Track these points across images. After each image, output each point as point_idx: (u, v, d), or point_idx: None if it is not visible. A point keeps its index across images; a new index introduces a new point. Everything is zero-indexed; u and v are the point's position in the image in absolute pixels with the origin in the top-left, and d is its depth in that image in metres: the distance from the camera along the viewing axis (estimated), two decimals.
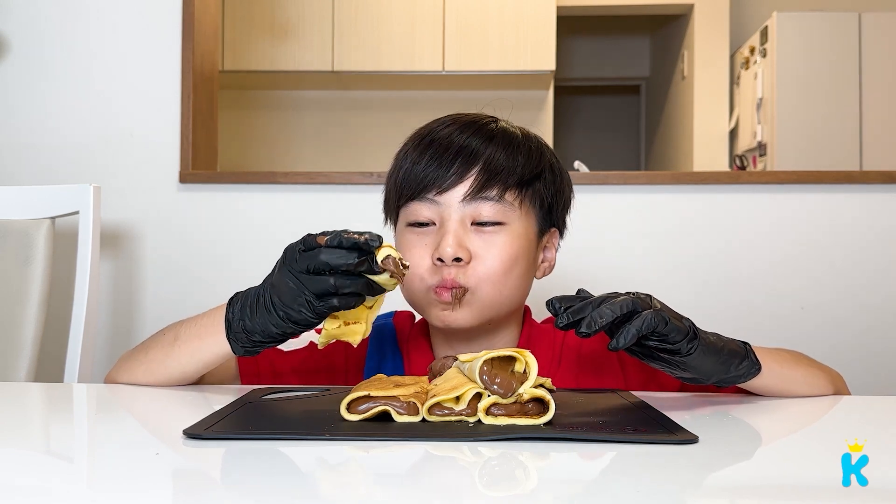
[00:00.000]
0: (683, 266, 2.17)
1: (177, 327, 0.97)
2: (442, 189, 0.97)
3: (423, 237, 0.99)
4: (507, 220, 0.99)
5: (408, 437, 0.70)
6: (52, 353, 1.64)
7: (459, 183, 0.97)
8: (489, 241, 0.98)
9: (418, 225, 0.99)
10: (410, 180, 0.99)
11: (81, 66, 2.24)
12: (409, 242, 1.00)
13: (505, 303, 1.01)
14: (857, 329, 2.13)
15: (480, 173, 0.97)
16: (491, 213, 0.98)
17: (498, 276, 0.98)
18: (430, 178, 0.97)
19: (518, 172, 0.99)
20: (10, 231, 1.49)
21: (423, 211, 0.98)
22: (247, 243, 2.21)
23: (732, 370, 0.86)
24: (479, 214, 0.97)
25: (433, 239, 0.98)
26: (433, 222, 0.99)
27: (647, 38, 6.18)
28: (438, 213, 0.98)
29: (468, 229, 0.98)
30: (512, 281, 0.99)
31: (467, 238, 0.97)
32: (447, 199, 0.97)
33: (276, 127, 4.68)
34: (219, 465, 0.66)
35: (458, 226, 0.97)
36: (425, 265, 0.98)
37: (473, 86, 4.47)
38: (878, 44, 4.24)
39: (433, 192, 0.97)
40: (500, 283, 0.98)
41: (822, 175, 2.17)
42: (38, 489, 0.59)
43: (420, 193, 0.98)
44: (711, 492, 0.61)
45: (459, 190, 0.97)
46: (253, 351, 0.89)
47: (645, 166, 6.25)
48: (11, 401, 0.97)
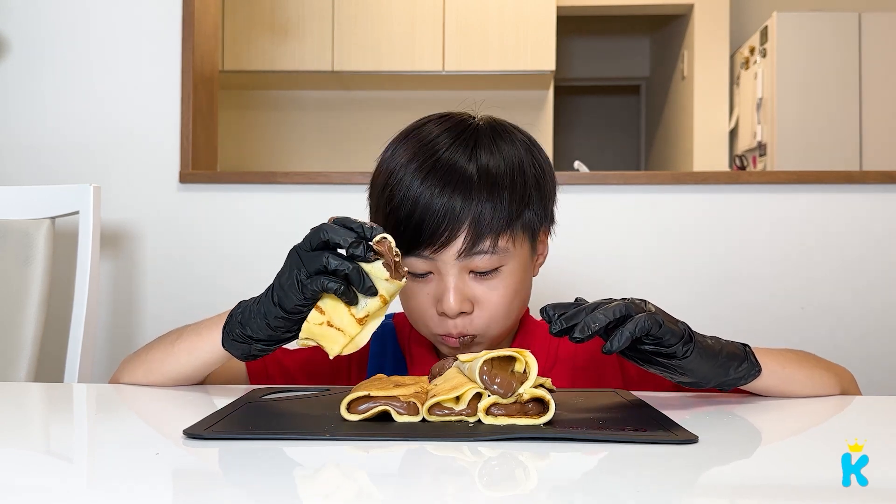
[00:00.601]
0: (683, 266, 2.16)
1: (180, 330, 0.99)
2: (434, 250, 0.96)
3: (423, 286, 0.99)
4: (503, 262, 0.98)
5: (408, 437, 0.70)
6: (52, 353, 1.64)
7: (451, 243, 0.96)
8: (490, 286, 0.98)
9: (416, 275, 0.99)
10: (404, 235, 0.97)
11: (81, 66, 2.24)
12: (411, 291, 1.00)
13: (510, 328, 1.05)
14: (858, 329, 2.13)
15: (469, 232, 0.96)
16: (486, 263, 0.97)
17: (502, 315, 1.00)
18: (422, 238, 0.96)
19: (505, 216, 0.98)
20: (10, 231, 1.49)
21: (419, 265, 0.98)
22: (247, 243, 2.21)
23: (732, 372, 0.86)
24: (475, 266, 0.97)
25: (434, 288, 0.98)
26: (431, 272, 0.98)
27: (647, 38, 6.18)
28: (435, 266, 0.97)
29: (467, 279, 0.98)
30: (514, 312, 1.03)
31: (467, 288, 0.98)
32: (442, 256, 0.97)
33: (276, 127, 4.68)
34: (219, 465, 0.66)
35: (457, 280, 0.97)
36: (430, 314, 0.99)
37: (473, 86, 4.47)
38: (878, 44, 4.24)
39: (427, 251, 0.96)
40: (504, 319, 1.01)
41: (822, 175, 2.17)
42: (38, 489, 0.59)
43: (415, 250, 0.97)
44: (711, 492, 0.61)
45: (452, 249, 0.96)
46: (247, 350, 0.89)
47: (645, 166, 6.25)
48: (11, 401, 0.97)
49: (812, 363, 0.97)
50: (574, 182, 2.19)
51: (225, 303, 0.98)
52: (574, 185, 2.17)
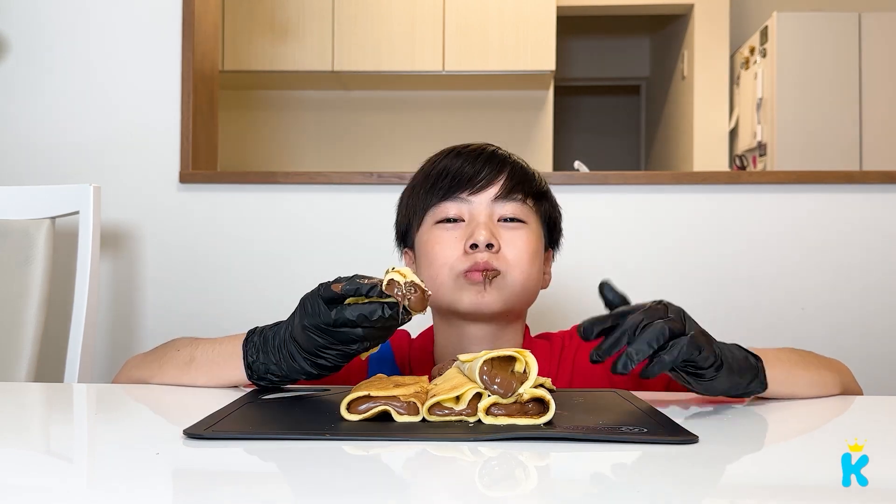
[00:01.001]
0: (683, 266, 2.16)
1: (191, 348, 0.98)
2: (474, 190, 1.08)
3: (453, 231, 1.08)
4: (527, 219, 1.10)
5: (408, 437, 0.70)
6: (52, 353, 1.64)
7: (490, 185, 1.09)
8: (514, 234, 1.08)
9: (447, 221, 1.08)
10: (444, 181, 1.09)
11: (81, 66, 2.24)
12: (439, 237, 1.08)
13: (527, 293, 1.10)
14: (858, 329, 2.13)
15: (508, 178, 1.09)
16: (516, 211, 1.09)
17: (525, 263, 1.07)
18: (465, 178, 1.08)
19: (534, 186, 1.12)
20: (10, 231, 1.49)
21: (452, 209, 1.08)
22: (247, 243, 2.21)
23: (741, 389, 0.86)
24: (505, 212, 1.09)
25: (463, 232, 1.07)
26: (462, 219, 1.08)
27: (647, 38, 6.18)
28: (469, 210, 1.08)
29: (496, 224, 1.08)
30: (534, 273, 1.09)
31: (496, 231, 1.07)
32: (478, 198, 1.08)
33: (276, 127, 4.68)
34: (219, 465, 0.66)
35: (488, 219, 1.07)
36: (455, 255, 1.06)
37: (473, 86, 4.47)
38: (878, 44, 4.24)
39: (465, 192, 1.08)
40: (526, 270, 1.07)
41: (822, 175, 2.17)
42: (38, 489, 0.59)
43: (453, 193, 1.08)
44: (711, 492, 0.61)
45: (490, 191, 1.08)
46: (272, 386, 0.93)
47: (645, 166, 6.25)
48: (11, 401, 0.97)
49: (814, 364, 0.97)
50: (574, 182, 2.19)
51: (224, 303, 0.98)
52: (574, 185, 2.17)
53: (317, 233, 2.20)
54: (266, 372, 0.90)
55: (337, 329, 0.82)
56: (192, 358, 0.97)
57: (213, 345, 0.96)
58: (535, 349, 1.12)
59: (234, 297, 2.18)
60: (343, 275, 0.85)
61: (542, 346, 1.14)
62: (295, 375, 0.89)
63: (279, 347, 0.88)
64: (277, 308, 1.00)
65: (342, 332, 0.82)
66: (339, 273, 0.91)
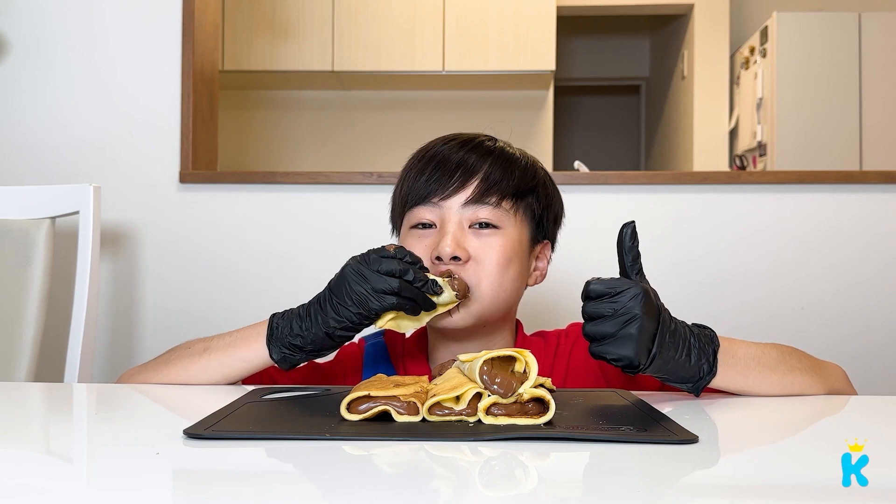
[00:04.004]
0: (683, 265, 2.17)
1: (204, 341, 1.01)
2: (445, 195, 1.04)
3: (423, 238, 1.05)
4: (502, 224, 1.05)
5: (408, 437, 0.70)
6: (52, 353, 1.64)
7: (461, 191, 1.04)
8: (486, 242, 1.03)
9: (421, 226, 1.06)
10: (416, 189, 1.06)
11: (81, 66, 2.24)
12: (411, 243, 1.05)
13: (500, 303, 1.05)
14: (858, 329, 2.13)
15: (480, 183, 1.04)
16: (488, 215, 1.04)
17: (494, 275, 1.03)
18: (433, 187, 1.04)
19: (513, 185, 1.06)
20: (10, 231, 1.49)
21: (425, 214, 1.05)
22: (247, 243, 2.21)
23: (680, 365, 0.87)
24: (476, 217, 1.03)
25: (433, 240, 1.04)
26: (434, 224, 1.05)
27: (647, 38, 6.18)
28: (440, 215, 1.04)
29: (466, 232, 1.03)
30: (507, 282, 1.04)
31: (465, 240, 1.03)
32: (448, 203, 1.04)
33: (276, 127, 4.68)
34: (219, 465, 0.66)
35: (457, 227, 1.03)
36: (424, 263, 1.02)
37: (473, 86, 4.47)
38: (878, 44, 4.24)
39: (437, 198, 1.04)
40: (496, 282, 1.03)
41: (822, 175, 2.17)
42: (38, 489, 0.59)
43: (424, 199, 1.05)
44: (711, 492, 0.61)
45: (460, 197, 1.04)
46: (291, 357, 0.95)
47: (645, 166, 6.25)
48: (11, 401, 0.97)
49: (792, 365, 0.96)
50: (574, 182, 2.19)
51: (224, 302, 0.99)
52: (574, 185, 2.17)
53: (316, 232, 2.20)
54: (288, 335, 0.93)
55: (378, 273, 0.90)
56: (206, 347, 0.99)
57: (230, 333, 0.99)
58: (530, 347, 1.11)
59: (233, 296, 2.18)
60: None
61: (536, 344, 1.14)
62: (314, 340, 0.93)
63: (307, 310, 0.94)
64: (277, 308, 1.00)
65: (381, 277, 0.89)
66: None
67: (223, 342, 0.98)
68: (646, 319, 0.83)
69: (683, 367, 0.87)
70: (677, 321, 0.88)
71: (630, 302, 0.82)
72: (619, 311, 0.82)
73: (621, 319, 0.82)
